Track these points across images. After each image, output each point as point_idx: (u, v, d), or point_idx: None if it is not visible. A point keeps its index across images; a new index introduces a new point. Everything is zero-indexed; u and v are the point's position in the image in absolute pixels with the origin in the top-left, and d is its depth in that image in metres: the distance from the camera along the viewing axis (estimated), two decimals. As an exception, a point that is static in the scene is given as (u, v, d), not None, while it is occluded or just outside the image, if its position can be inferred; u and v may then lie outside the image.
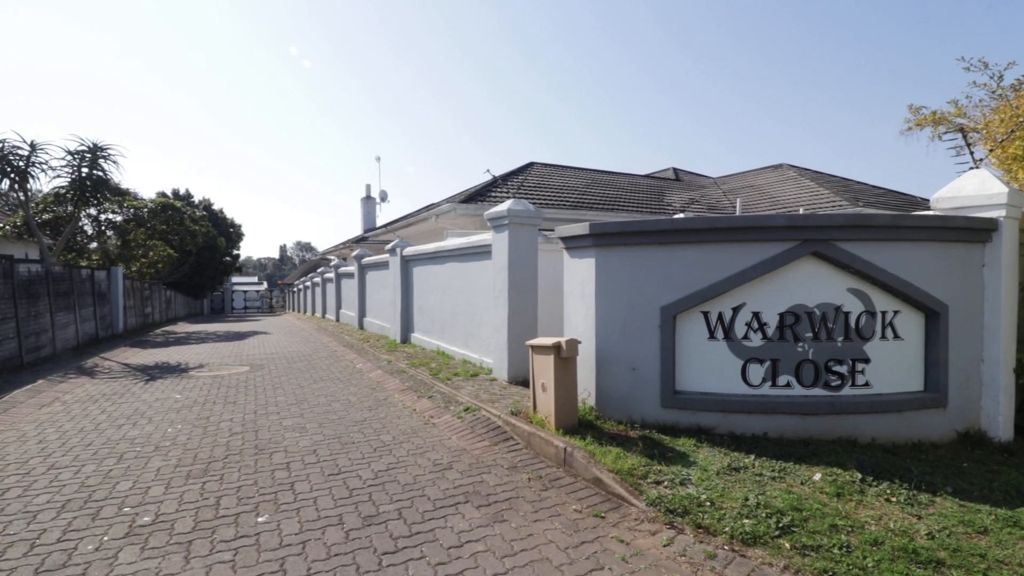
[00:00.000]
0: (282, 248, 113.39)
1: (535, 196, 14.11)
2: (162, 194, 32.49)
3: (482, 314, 8.20)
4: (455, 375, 7.59)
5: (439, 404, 6.32)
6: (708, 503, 3.41)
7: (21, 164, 11.87)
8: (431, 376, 7.62)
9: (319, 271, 25.41)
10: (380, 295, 14.38)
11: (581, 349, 5.14)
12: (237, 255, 41.10)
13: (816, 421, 4.62)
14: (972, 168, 6.41)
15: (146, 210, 20.77)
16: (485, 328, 8.06)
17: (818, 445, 4.42)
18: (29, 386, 7.67)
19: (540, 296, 7.28)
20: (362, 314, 16.39)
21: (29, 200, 13.29)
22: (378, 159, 32.76)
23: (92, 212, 18.57)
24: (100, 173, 13.33)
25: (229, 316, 38.29)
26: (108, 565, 2.97)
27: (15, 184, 12.16)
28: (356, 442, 5.15)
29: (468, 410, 5.81)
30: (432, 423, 5.77)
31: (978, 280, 4.78)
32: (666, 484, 3.72)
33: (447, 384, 7.04)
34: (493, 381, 7.16)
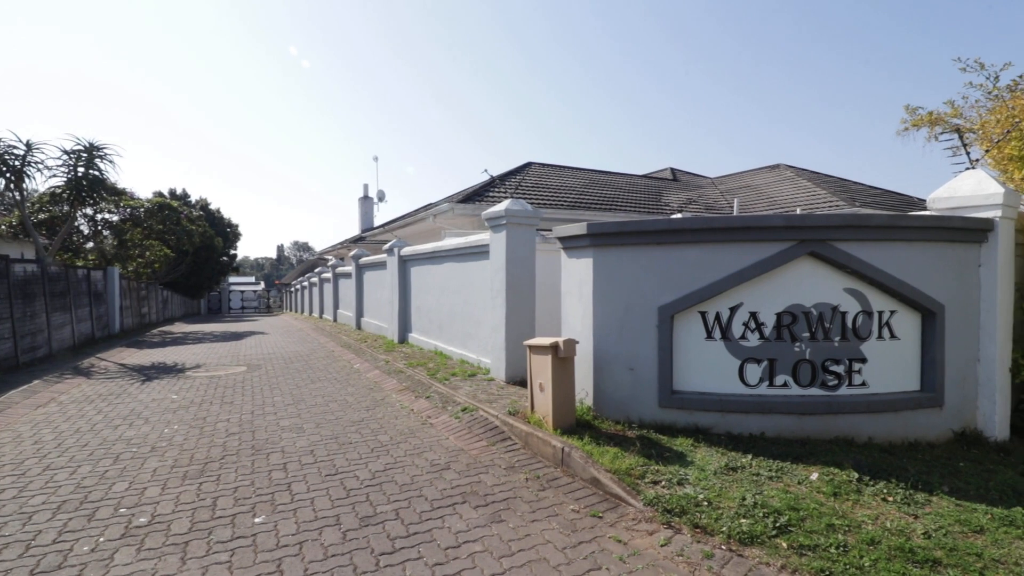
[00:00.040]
0: (279, 248, 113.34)
1: (533, 196, 14.11)
2: (159, 194, 32.39)
3: (480, 314, 8.19)
4: (453, 375, 7.58)
5: (437, 404, 6.31)
6: (705, 503, 3.41)
7: (17, 164, 11.84)
8: (429, 376, 7.61)
9: (316, 271, 25.31)
10: (377, 295, 14.35)
11: (579, 349, 5.15)
12: (234, 255, 41.07)
13: (813, 421, 4.63)
14: (968, 168, 6.42)
15: (143, 210, 20.73)
16: (483, 328, 8.05)
17: (815, 445, 4.42)
18: (25, 386, 7.64)
19: (538, 296, 7.27)
20: (360, 314, 16.36)
21: (25, 200, 13.25)
22: (376, 159, 32.97)
23: (88, 212, 18.52)
24: (96, 173, 13.30)
25: (226, 316, 38.19)
26: (104, 566, 2.96)
27: (11, 184, 12.12)
28: (353, 442, 5.14)
29: (466, 410, 5.80)
30: (430, 423, 5.77)
31: (974, 280, 4.80)
32: (664, 484, 3.72)
33: (445, 384, 7.03)
34: (491, 381, 7.16)
